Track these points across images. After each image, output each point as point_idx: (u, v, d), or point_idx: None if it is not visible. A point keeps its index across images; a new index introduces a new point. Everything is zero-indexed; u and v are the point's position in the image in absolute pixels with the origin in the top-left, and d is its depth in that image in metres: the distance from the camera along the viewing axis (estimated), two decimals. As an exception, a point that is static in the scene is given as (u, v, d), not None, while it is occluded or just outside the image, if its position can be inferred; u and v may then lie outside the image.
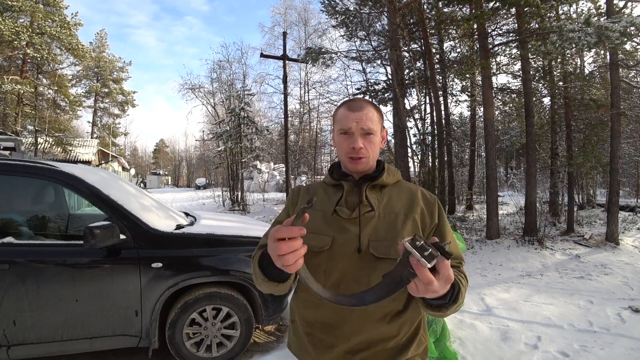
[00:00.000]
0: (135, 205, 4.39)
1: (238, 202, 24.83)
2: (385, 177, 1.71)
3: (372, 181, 1.69)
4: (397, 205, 1.67)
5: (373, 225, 1.60)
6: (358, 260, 1.55)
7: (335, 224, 1.63)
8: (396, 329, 1.58)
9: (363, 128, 1.60)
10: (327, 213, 1.67)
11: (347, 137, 1.63)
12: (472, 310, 6.42)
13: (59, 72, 35.66)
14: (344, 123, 1.62)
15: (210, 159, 51.86)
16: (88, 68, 50.23)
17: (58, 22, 31.69)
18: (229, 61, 30.28)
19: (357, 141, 1.59)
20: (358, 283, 1.53)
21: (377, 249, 1.55)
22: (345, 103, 1.68)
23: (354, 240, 1.57)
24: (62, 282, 3.79)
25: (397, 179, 1.80)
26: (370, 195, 1.67)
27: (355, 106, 1.63)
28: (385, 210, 1.65)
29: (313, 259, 1.58)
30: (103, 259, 3.90)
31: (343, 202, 1.67)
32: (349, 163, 1.65)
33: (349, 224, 1.62)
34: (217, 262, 4.30)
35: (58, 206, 5.05)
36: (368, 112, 1.61)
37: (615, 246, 10.92)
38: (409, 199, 1.70)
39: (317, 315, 1.63)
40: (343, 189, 1.70)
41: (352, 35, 17.07)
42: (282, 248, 1.15)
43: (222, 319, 4.37)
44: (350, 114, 1.61)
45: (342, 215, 1.63)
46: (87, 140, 40.04)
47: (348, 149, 1.62)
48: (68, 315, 3.82)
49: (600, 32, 9.13)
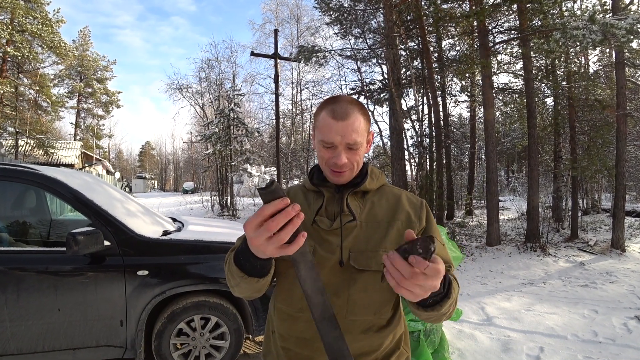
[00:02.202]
0: (120, 211, 4.39)
1: (227, 207, 24.84)
2: (368, 182, 1.66)
3: (354, 188, 1.63)
4: (380, 213, 1.63)
5: (354, 235, 1.56)
6: (339, 273, 1.52)
7: (316, 235, 1.59)
8: (377, 343, 1.57)
9: (348, 143, 1.48)
10: (307, 223, 1.61)
11: (330, 150, 1.52)
12: (472, 320, 6.44)
13: (40, 71, 35.45)
14: (326, 135, 1.50)
15: (199, 162, 51.75)
16: (71, 67, 50.19)
17: (39, 19, 31.53)
18: (218, 60, 30.29)
19: (341, 157, 1.49)
20: (337, 296, 1.51)
21: (358, 260, 1.52)
22: (328, 106, 1.52)
23: (336, 252, 1.54)
24: (44, 291, 3.79)
25: (381, 182, 1.75)
26: (352, 203, 1.62)
27: (339, 113, 1.47)
28: (368, 219, 1.61)
29: (292, 269, 1.50)
30: (86, 266, 3.90)
31: (323, 212, 1.62)
32: (331, 175, 1.58)
33: (329, 235, 1.58)
34: (205, 269, 4.29)
35: (39, 211, 5.05)
36: (354, 120, 1.48)
37: (622, 253, 10.95)
38: (393, 204, 1.67)
39: (293, 329, 1.59)
40: (323, 196, 1.65)
41: (346, 32, 17.13)
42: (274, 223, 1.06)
43: (211, 329, 4.36)
44: (333, 124, 1.47)
45: (322, 226, 1.58)
46: (70, 142, 40.01)
47: (330, 163, 1.53)
48: (50, 325, 3.82)
49: (606, 29, 9.17)
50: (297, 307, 1.56)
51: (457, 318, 4.83)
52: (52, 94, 37.83)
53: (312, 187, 1.70)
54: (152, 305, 4.07)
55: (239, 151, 25.56)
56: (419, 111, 17.64)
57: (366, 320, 1.54)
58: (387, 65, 14.43)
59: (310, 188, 1.73)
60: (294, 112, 35.25)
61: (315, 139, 1.60)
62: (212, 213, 24.39)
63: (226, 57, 37.64)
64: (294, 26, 37.69)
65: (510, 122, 23.20)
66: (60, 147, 32.98)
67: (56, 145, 30.79)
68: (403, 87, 15.65)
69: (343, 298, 1.51)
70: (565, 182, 16.21)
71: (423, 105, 18.04)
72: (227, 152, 25.12)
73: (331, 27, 18.14)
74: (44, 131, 33.73)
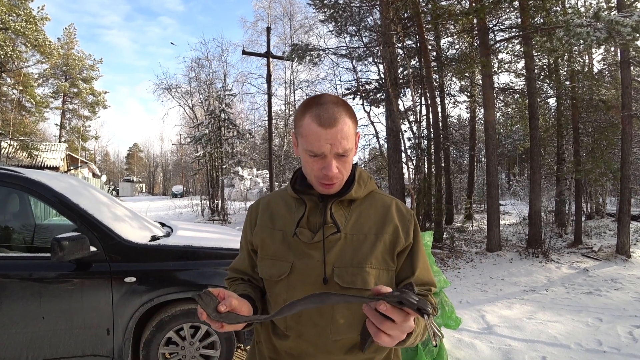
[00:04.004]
0: (107, 215, 4.38)
1: (218, 211, 24.80)
2: (354, 190, 1.58)
3: (339, 196, 1.56)
4: (366, 224, 1.57)
5: (339, 248, 1.51)
6: (321, 290, 1.46)
7: (296, 248, 1.54)
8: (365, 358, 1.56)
9: (337, 152, 1.42)
10: (288, 234, 1.58)
11: (318, 160, 1.44)
12: (472, 328, 6.45)
13: (24, 70, 35.45)
14: (313, 144, 1.41)
15: (188, 165, 51.80)
16: (55, 66, 50.08)
17: (23, 16, 31.47)
18: (208, 59, 30.22)
19: (331, 168, 1.42)
20: (321, 315, 1.49)
21: (342, 277, 1.48)
22: (312, 110, 1.43)
23: (317, 267, 1.50)
24: (28, 298, 3.78)
25: (370, 189, 1.67)
26: (337, 213, 1.55)
27: (327, 119, 1.39)
28: (353, 230, 1.55)
29: (273, 288, 1.56)
30: (72, 273, 3.89)
31: (305, 222, 1.57)
32: (320, 186, 1.51)
33: (310, 248, 1.52)
34: (195, 276, 4.28)
35: (23, 216, 5.05)
36: (343, 126, 1.40)
37: (627, 259, 10.99)
38: (382, 214, 1.61)
39: (282, 344, 1.58)
40: (305, 206, 1.58)
41: (341, 30, 17.09)
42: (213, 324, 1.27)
43: (201, 337, 4.35)
44: (321, 132, 1.39)
45: (303, 239, 1.53)
46: (55, 144, 39.99)
47: (319, 175, 1.47)
48: (34, 334, 3.81)
49: (611, 27, 9.20)
50: (283, 325, 1.55)
51: (456, 327, 4.84)
52: (36, 94, 37.88)
53: (294, 194, 1.65)
54: (139, 313, 4.05)
55: (230, 153, 25.59)
56: (417, 112, 17.60)
57: (350, 339, 1.52)
58: (383, 65, 14.46)
59: (292, 195, 1.67)
60: (287, 113, 35.16)
61: (298, 146, 1.52)
62: (202, 218, 24.36)
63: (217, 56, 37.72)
64: (287, 24, 37.67)
65: (511, 123, 23.21)
66: (44, 149, 32.93)
67: (40, 147, 30.65)
68: (400, 87, 15.68)
69: (327, 318, 1.49)
70: (569, 186, 16.24)
71: (421, 105, 18.04)
72: (217, 154, 25.15)
73: (326, 25, 18.12)
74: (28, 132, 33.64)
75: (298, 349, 1.53)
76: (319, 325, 1.48)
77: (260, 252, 1.63)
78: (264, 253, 1.61)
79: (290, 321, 1.51)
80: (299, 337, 1.51)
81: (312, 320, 1.50)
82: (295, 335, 1.51)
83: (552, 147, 18.19)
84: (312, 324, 1.49)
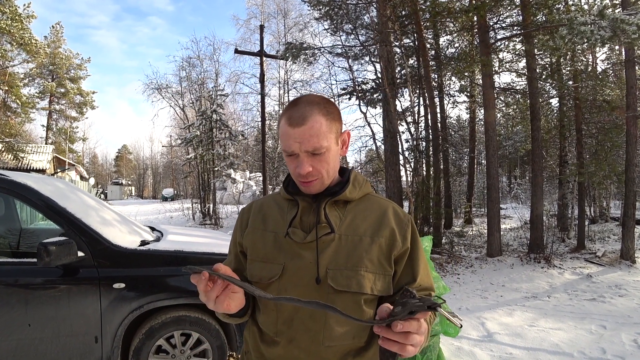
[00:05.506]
0: (95, 219, 4.38)
1: (209, 215, 24.87)
2: (349, 191, 1.60)
3: (333, 196, 1.58)
4: (362, 226, 1.58)
5: (333, 249, 1.52)
6: (315, 293, 1.48)
7: (288, 249, 1.55)
8: None
9: (307, 150, 1.46)
10: (280, 235, 1.59)
11: (293, 159, 1.50)
12: (471, 336, 6.46)
13: (9, 70, 35.37)
14: (284, 143, 1.49)
15: (179, 167, 51.74)
16: (42, 65, 49.83)
17: (8, 14, 31.42)
18: (200, 58, 30.39)
19: (303, 166, 1.47)
20: (313, 320, 1.49)
21: (337, 279, 1.48)
22: (287, 112, 1.51)
23: (310, 268, 1.50)
24: (13, 305, 3.78)
25: (366, 191, 1.69)
26: (331, 214, 1.57)
27: (295, 119, 1.45)
28: (348, 232, 1.56)
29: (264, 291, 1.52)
30: (59, 278, 3.89)
31: (297, 223, 1.58)
32: (300, 185, 1.56)
33: (303, 249, 1.53)
34: (186, 282, 4.25)
35: (8, 220, 5.04)
36: (313, 124, 1.44)
37: (631, 265, 11.01)
38: (378, 217, 1.61)
39: (271, 352, 1.57)
40: (298, 206, 1.60)
41: (337, 28, 17.10)
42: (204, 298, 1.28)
43: (192, 345, 4.36)
44: (290, 131, 1.46)
45: (295, 238, 1.54)
46: (41, 146, 39.82)
47: (295, 173, 1.52)
48: (20, 342, 3.81)
49: (616, 25, 9.22)
50: (273, 330, 1.54)
51: (455, 334, 4.84)
52: (22, 94, 37.74)
53: (287, 195, 1.67)
54: (129, 321, 4.06)
55: (222, 155, 25.60)
56: (415, 113, 17.57)
57: (344, 345, 1.52)
58: (380, 64, 14.47)
59: (285, 197, 1.69)
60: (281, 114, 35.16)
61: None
62: (193, 222, 24.37)
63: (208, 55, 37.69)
64: (280, 22, 37.81)
65: (512, 124, 23.30)
66: (30, 151, 32.83)
67: (26, 149, 30.60)
68: (398, 87, 15.67)
69: (320, 323, 1.49)
70: (572, 189, 16.28)
71: (419, 106, 17.99)
72: (209, 156, 25.16)
73: (321, 23, 18.12)
74: (14, 134, 33.55)
75: (289, 356, 1.53)
76: (312, 330, 1.48)
77: (250, 255, 1.64)
78: (254, 255, 1.61)
79: (281, 326, 1.51)
80: (289, 342, 1.50)
81: (304, 324, 1.49)
82: (286, 341, 1.51)
83: (554, 149, 18.24)
84: (305, 329, 1.49)
